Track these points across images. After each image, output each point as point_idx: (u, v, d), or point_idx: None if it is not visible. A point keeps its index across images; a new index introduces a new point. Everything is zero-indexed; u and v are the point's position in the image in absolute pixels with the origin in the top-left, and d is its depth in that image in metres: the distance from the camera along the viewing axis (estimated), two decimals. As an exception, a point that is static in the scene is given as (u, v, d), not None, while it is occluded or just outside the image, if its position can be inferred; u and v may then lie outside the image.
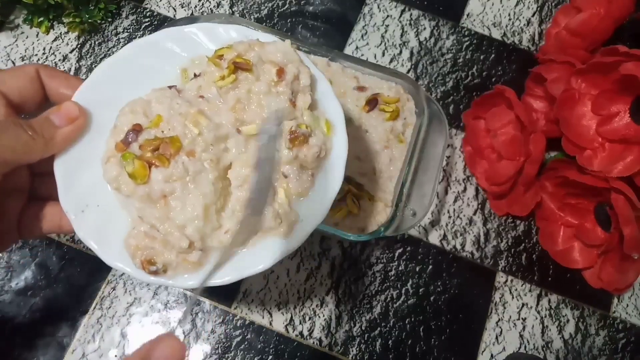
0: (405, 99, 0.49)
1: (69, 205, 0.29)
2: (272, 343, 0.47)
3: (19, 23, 0.56)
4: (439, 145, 0.48)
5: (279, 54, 0.31)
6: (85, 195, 0.29)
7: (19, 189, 0.31)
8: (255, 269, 0.29)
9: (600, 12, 0.51)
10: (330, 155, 0.32)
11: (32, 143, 0.27)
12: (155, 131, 0.28)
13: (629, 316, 0.51)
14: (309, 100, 0.31)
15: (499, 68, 0.59)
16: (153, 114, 0.29)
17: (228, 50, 0.30)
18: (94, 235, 0.29)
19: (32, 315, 0.46)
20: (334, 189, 0.31)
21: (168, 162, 0.27)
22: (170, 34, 0.33)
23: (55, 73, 0.30)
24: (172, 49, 0.33)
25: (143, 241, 0.28)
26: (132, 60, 0.32)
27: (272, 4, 0.60)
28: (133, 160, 0.27)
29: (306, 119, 0.31)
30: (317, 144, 0.30)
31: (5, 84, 0.28)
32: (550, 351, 0.49)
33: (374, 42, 0.59)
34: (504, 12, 0.62)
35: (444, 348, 0.48)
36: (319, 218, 0.30)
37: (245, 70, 0.30)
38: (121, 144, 0.28)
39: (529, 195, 0.51)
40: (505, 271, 0.52)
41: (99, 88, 0.31)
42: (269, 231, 0.29)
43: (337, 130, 0.32)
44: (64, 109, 0.29)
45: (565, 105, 0.47)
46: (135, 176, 0.27)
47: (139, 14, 0.58)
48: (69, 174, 0.29)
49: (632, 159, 0.44)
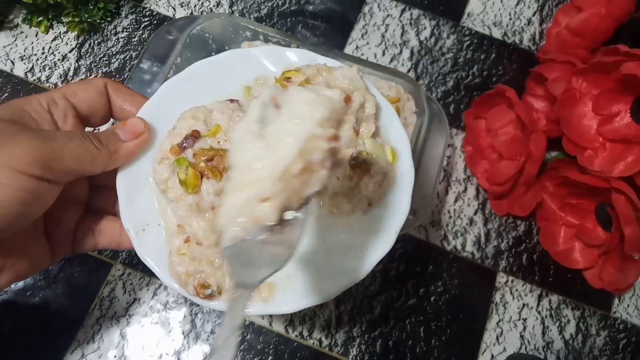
0: (406, 99, 0.49)
1: (130, 222, 0.29)
2: (272, 343, 0.47)
3: (18, 22, 0.56)
4: (440, 145, 0.47)
5: (346, 81, 0.30)
6: (146, 213, 0.29)
7: (77, 200, 0.31)
8: (318, 298, 0.28)
9: (600, 12, 0.51)
10: (395, 185, 0.31)
11: (98, 154, 0.27)
12: (211, 141, 0.28)
13: (630, 316, 0.51)
14: (373, 129, 0.31)
15: (500, 68, 0.59)
16: (212, 123, 0.29)
17: (296, 73, 0.30)
18: (153, 255, 0.28)
19: (31, 315, 0.46)
20: (399, 218, 0.30)
21: (220, 176, 0.27)
22: (235, 54, 0.33)
23: (120, 88, 0.31)
24: (235, 69, 0.33)
25: (191, 266, 0.27)
26: (196, 78, 0.32)
27: (272, 3, 0.60)
28: (187, 167, 0.27)
29: (368, 147, 0.30)
30: (379, 172, 0.30)
31: (76, 96, 0.29)
32: (551, 352, 0.49)
33: (374, 41, 0.59)
34: (504, 11, 0.62)
35: (444, 349, 0.48)
36: (385, 248, 0.30)
37: None
38: (177, 147, 0.28)
39: (529, 195, 0.51)
40: (506, 271, 0.51)
41: (163, 105, 0.31)
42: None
43: (402, 159, 0.32)
44: (130, 124, 0.29)
45: (566, 105, 0.47)
46: (187, 184, 0.27)
47: (138, 13, 0.58)
48: (131, 190, 0.29)
49: (633, 158, 0.44)
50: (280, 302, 0.28)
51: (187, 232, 0.28)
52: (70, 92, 0.29)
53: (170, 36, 0.45)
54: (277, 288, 0.28)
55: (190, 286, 0.27)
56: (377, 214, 0.31)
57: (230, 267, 0.26)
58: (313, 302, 0.28)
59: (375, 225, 0.30)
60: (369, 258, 0.29)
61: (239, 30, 0.46)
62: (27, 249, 0.28)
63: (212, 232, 0.27)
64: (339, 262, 0.30)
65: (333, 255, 0.30)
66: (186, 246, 0.28)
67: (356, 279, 0.29)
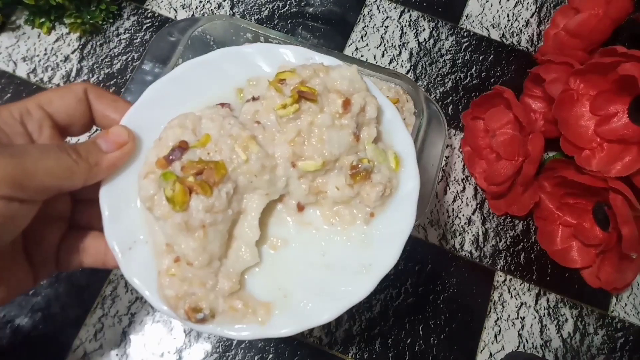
0: (405, 100, 0.49)
1: (115, 240, 0.26)
2: (272, 342, 0.48)
3: (21, 24, 0.56)
4: (438, 146, 0.48)
5: (345, 82, 0.28)
6: (133, 229, 0.27)
7: (59, 217, 0.29)
8: (318, 320, 0.26)
9: (598, 13, 0.52)
10: (397, 193, 0.29)
11: (76, 168, 0.25)
12: (200, 152, 0.26)
13: (628, 315, 0.51)
14: (374, 134, 0.29)
15: (498, 69, 0.59)
16: (202, 132, 0.27)
17: (291, 74, 0.28)
18: (142, 275, 0.26)
19: (33, 314, 0.47)
20: (404, 230, 0.28)
21: (211, 191, 0.25)
22: (226, 53, 0.31)
23: (102, 94, 0.28)
24: (226, 70, 0.30)
25: (181, 288, 0.25)
26: (184, 80, 0.30)
27: (272, 5, 0.60)
28: (174, 182, 0.25)
29: (370, 153, 0.28)
30: (381, 181, 0.28)
31: (52, 104, 0.27)
32: (549, 350, 0.50)
33: (374, 43, 0.59)
34: (502, 13, 0.62)
35: (443, 347, 0.49)
36: (389, 263, 0.28)
37: (310, 100, 0.27)
38: (163, 160, 0.26)
39: (527, 195, 0.51)
40: (504, 270, 0.52)
41: (149, 110, 0.28)
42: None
43: (407, 165, 0.29)
44: (112, 134, 0.27)
45: (563, 105, 0.48)
46: (174, 201, 0.24)
47: (140, 15, 0.58)
48: (115, 205, 0.27)
49: (630, 159, 0.44)
50: (278, 324, 0.26)
51: (177, 252, 0.26)
52: (46, 101, 0.27)
53: (171, 38, 0.45)
54: (273, 309, 0.27)
55: (181, 310, 0.25)
56: (380, 224, 0.29)
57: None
58: (312, 324, 0.26)
59: (378, 237, 0.29)
60: (373, 273, 0.28)
61: (240, 32, 0.46)
62: (4, 272, 0.26)
63: (204, 252, 0.25)
64: (340, 278, 0.28)
65: (333, 270, 0.28)
66: (176, 266, 0.26)
67: (359, 298, 0.27)
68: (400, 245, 0.28)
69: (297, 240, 0.29)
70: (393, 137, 0.30)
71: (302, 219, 0.29)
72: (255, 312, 0.26)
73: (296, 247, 0.29)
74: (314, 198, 0.29)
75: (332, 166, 0.28)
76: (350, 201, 0.28)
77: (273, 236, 0.29)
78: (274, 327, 0.26)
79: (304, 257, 0.28)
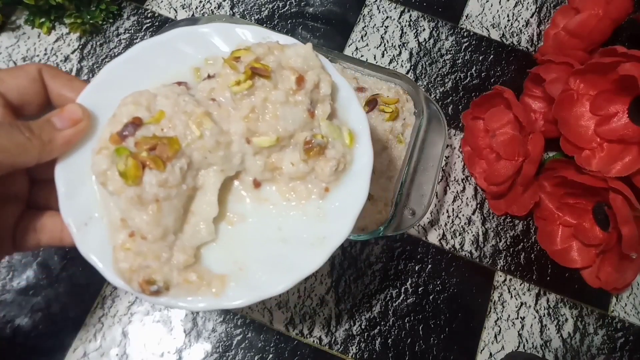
0: (405, 100, 0.49)
1: (70, 216, 0.27)
2: (272, 342, 0.48)
3: (21, 24, 0.56)
4: (438, 146, 0.48)
5: (300, 59, 0.28)
6: (89, 205, 0.27)
7: (16, 197, 0.29)
8: (273, 290, 0.27)
9: (598, 13, 0.52)
10: (352, 168, 0.29)
11: (29, 145, 0.25)
12: (154, 128, 0.26)
13: (628, 315, 0.51)
14: (329, 110, 0.29)
15: (498, 69, 0.59)
16: (156, 109, 0.27)
17: (246, 52, 0.28)
18: (97, 251, 0.26)
19: (33, 314, 0.47)
20: (357, 203, 0.29)
21: (164, 166, 0.25)
22: (182, 33, 0.31)
23: (58, 73, 0.28)
24: (183, 50, 0.30)
25: (135, 261, 0.26)
26: (141, 60, 0.30)
27: (272, 5, 0.60)
28: (127, 157, 0.25)
29: (324, 129, 0.29)
30: (335, 156, 0.28)
31: (4, 83, 0.27)
32: (549, 350, 0.50)
33: (374, 43, 0.59)
34: (502, 13, 0.62)
35: (443, 347, 0.49)
36: (343, 234, 0.28)
37: (264, 76, 0.28)
38: (117, 136, 0.26)
39: (527, 195, 0.51)
40: (504, 270, 0.52)
41: (105, 90, 0.29)
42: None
43: (361, 141, 0.30)
44: (66, 111, 0.27)
45: (563, 105, 0.48)
46: (127, 176, 0.25)
47: (140, 15, 0.58)
48: (71, 182, 0.27)
49: (630, 159, 0.44)
50: (233, 296, 0.27)
51: (131, 227, 0.26)
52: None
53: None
54: (229, 281, 0.27)
55: (135, 282, 0.26)
56: (335, 199, 0.29)
57: None
58: (267, 294, 0.27)
59: (332, 211, 0.29)
60: (327, 245, 0.28)
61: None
62: None
63: (157, 226, 0.26)
64: (296, 250, 0.28)
65: (289, 243, 0.29)
66: (131, 240, 0.26)
67: (313, 268, 0.28)
68: (353, 218, 0.28)
69: (254, 216, 0.29)
70: (348, 114, 0.31)
71: (259, 195, 0.30)
72: (209, 284, 0.27)
73: (253, 223, 0.29)
74: (270, 174, 0.29)
75: (287, 142, 0.29)
76: (305, 177, 0.29)
77: (230, 212, 0.30)
78: (228, 299, 0.27)
79: (260, 231, 0.29)
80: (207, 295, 0.27)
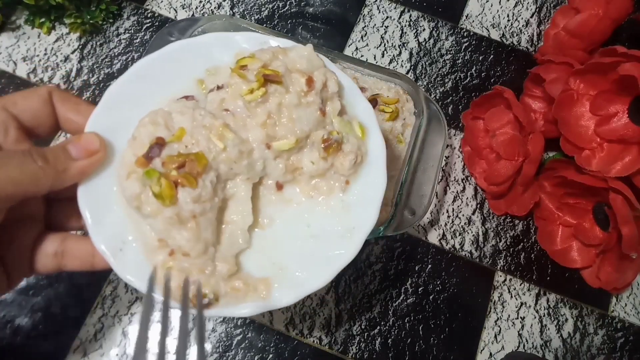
0: (405, 100, 0.49)
1: (103, 244, 0.26)
2: (272, 342, 0.48)
3: (21, 24, 0.56)
4: (438, 146, 0.48)
5: (304, 61, 0.29)
6: (119, 230, 0.27)
7: (31, 218, 0.28)
8: (315, 285, 0.28)
9: (598, 13, 0.52)
10: (368, 159, 0.30)
11: (41, 174, 0.24)
12: (178, 146, 0.26)
13: (628, 315, 0.51)
14: (339, 107, 0.30)
15: (498, 69, 0.59)
16: (175, 126, 0.27)
17: (251, 60, 0.28)
18: (136, 273, 0.26)
19: (33, 314, 0.47)
20: (378, 192, 0.30)
21: (195, 183, 0.25)
22: (179, 46, 0.31)
23: (66, 97, 0.28)
24: (183, 62, 0.31)
25: (181, 279, 0.26)
26: (143, 77, 0.30)
27: (272, 5, 0.60)
28: (159, 178, 0.25)
29: (337, 125, 0.30)
30: (352, 150, 0.29)
31: (17, 106, 0.26)
32: (549, 350, 0.50)
33: (374, 43, 0.59)
34: (502, 13, 0.62)
35: (443, 347, 0.49)
36: (371, 222, 0.29)
37: (276, 82, 0.28)
38: (143, 159, 0.26)
39: (527, 195, 0.51)
40: (504, 270, 0.52)
41: (113, 111, 0.28)
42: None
43: (371, 132, 0.31)
44: (83, 140, 0.26)
45: (563, 105, 0.48)
46: (163, 197, 0.25)
47: (140, 15, 0.58)
48: (96, 208, 0.27)
49: (630, 159, 0.44)
50: (279, 296, 0.27)
51: (171, 246, 0.26)
52: (10, 103, 0.26)
53: (171, 38, 0.45)
54: (272, 283, 0.28)
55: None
56: (356, 190, 0.30)
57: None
58: (311, 289, 0.28)
59: (355, 202, 0.30)
60: (357, 235, 0.29)
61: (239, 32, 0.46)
62: None
63: (198, 241, 0.26)
64: (328, 244, 0.29)
65: (320, 238, 0.29)
66: (172, 259, 0.26)
67: (348, 259, 0.29)
68: (377, 206, 0.29)
69: (281, 217, 0.30)
70: (355, 108, 0.32)
71: (283, 196, 0.31)
72: (256, 288, 0.28)
73: (282, 224, 0.30)
74: (291, 176, 0.30)
75: (304, 143, 0.29)
76: (326, 173, 0.30)
77: (259, 217, 0.30)
78: (275, 300, 0.27)
79: (290, 231, 0.30)
80: (256, 300, 0.27)
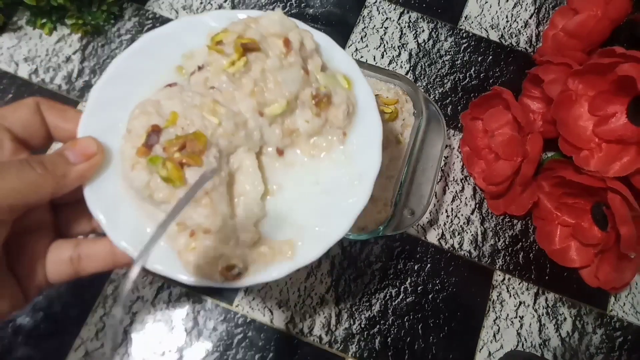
0: (404, 100, 0.50)
1: (124, 241, 0.26)
2: (273, 340, 0.48)
3: (22, 24, 0.57)
4: (437, 146, 0.48)
5: (277, 25, 0.29)
6: (136, 225, 0.27)
7: (39, 226, 0.28)
8: (337, 234, 0.28)
9: (597, 14, 0.52)
10: (358, 107, 0.31)
11: (42, 181, 0.24)
12: (174, 129, 0.26)
13: (626, 315, 0.52)
14: (320, 62, 0.30)
15: (497, 69, 0.60)
16: (166, 112, 0.27)
17: (225, 34, 0.28)
18: (167, 263, 0.26)
19: (34, 313, 0.47)
20: (376, 133, 0.30)
21: (200, 160, 0.25)
22: (151, 39, 0.31)
23: (52, 105, 0.28)
24: (158, 53, 0.31)
25: (208, 256, 0.26)
26: (124, 74, 0.30)
27: (272, 6, 0.60)
28: (164, 163, 0.25)
29: (322, 81, 0.30)
30: (342, 101, 0.29)
31: (7, 119, 0.26)
32: (548, 349, 0.50)
33: (373, 44, 0.60)
34: (501, 14, 0.62)
35: (442, 345, 0.49)
36: (376, 164, 0.30)
37: (254, 49, 0.28)
38: (143, 148, 0.26)
39: (526, 195, 0.51)
40: (503, 270, 0.52)
41: (100, 113, 0.29)
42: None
43: (357, 82, 0.31)
44: (80, 145, 0.26)
45: (562, 106, 0.48)
46: (173, 179, 0.25)
47: (141, 16, 0.59)
48: (107, 209, 0.27)
49: (628, 159, 0.45)
50: (305, 253, 0.28)
51: (190, 227, 0.26)
52: (0, 116, 0.26)
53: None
54: (296, 242, 0.28)
55: (216, 274, 0.26)
56: (355, 139, 0.31)
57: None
58: (334, 239, 0.28)
59: (357, 150, 0.30)
60: (366, 180, 0.29)
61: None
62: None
63: (216, 215, 0.26)
64: (340, 195, 0.29)
65: (331, 192, 0.30)
66: (193, 240, 0.26)
67: (362, 204, 0.29)
68: (378, 147, 0.30)
69: (289, 181, 0.30)
70: (335, 62, 0.32)
71: (286, 161, 0.31)
72: (281, 250, 0.28)
73: (291, 187, 0.30)
74: (289, 139, 0.30)
75: (295, 104, 0.30)
76: (322, 130, 0.30)
77: (267, 185, 0.30)
78: (302, 257, 0.28)
79: (301, 192, 0.30)
80: (284, 261, 0.28)
